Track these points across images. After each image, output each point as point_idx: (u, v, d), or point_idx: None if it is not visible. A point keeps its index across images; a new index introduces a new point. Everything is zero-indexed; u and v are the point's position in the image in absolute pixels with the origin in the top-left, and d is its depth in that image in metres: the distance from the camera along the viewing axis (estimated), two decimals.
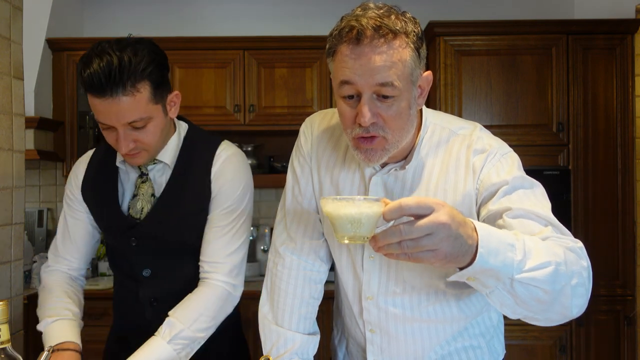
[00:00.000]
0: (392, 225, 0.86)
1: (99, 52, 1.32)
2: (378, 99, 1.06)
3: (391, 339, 1.26)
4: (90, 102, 1.35)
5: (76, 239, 1.56)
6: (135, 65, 1.31)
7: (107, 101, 1.31)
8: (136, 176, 1.49)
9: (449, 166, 1.17)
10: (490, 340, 1.30)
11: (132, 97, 1.32)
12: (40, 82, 3.16)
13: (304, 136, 1.34)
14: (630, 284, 2.97)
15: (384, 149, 1.11)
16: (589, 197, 2.96)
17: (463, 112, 2.96)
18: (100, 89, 1.30)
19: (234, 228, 1.47)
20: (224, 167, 1.47)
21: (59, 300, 1.49)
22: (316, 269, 1.34)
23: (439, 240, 0.85)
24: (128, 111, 1.32)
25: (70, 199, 1.56)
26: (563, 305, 0.95)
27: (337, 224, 0.90)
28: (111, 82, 1.30)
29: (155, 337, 1.36)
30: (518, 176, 1.11)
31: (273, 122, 3.22)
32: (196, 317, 1.39)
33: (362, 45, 1.03)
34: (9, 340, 0.94)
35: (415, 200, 0.85)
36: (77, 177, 1.55)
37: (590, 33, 2.97)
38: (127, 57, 1.31)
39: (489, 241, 0.89)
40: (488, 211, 1.09)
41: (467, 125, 1.22)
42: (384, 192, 1.20)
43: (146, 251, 1.48)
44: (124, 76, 1.30)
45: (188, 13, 3.58)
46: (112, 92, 1.30)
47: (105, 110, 1.32)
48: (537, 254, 0.92)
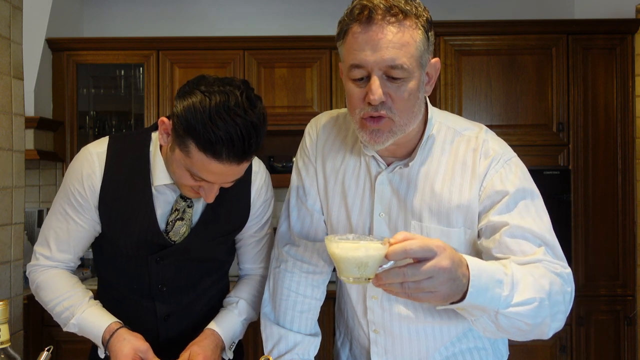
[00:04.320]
0: (395, 267, 0.89)
1: (224, 107, 1.14)
2: (388, 79, 1.06)
3: (395, 340, 1.26)
4: (198, 159, 1.17)
5: (75, 243, 1.42)
6: (264, 132, 1.20)
7: (229, 167, 1.18)
8: (173, 197, 1.37)
9: (455, 168, 1.17)
10: (495, 342, 1.30)
11: (247, 162, 1.21)
12: (40, 82, 3.15)
13: (308, 137, 1.34)
14: (630, 284, 2.97)
15: (390, 131, 1.10)
16: (589, 197, 2.96)
17: (463, 112, 2.96)
18: (228, 156, 1.15)
19: (267, 235, 1.54)
20: (261, 189, 1.45)
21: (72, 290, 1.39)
22: (319, 270, 1.34)
23: (439, 283, 0.89)
24: (237, 174, 1.23)
25: (77, 201, 1.37)
26: (541, 330, 1.02)
27: (342, 266, 0.91)
28: (248, 151, 1.17)
29: (229, 313, 1.45)
30: (520, 187, 1.12)
31: (273, 122, 3.21)
32: (257, 300, 1.50)
33: (373, 24, 1.04)
34: (8, 340, 0.94)
35: (418, 243, 0.88)
36: (93, 182, 1.36)
37: (590, 33, 2.97)
38: (260, 119, 1.18)
39: (479, 280, 0.93)
40: (487, 222, 1.12)
41: (472, 127, 1.22)
42: (390, 190, 1.20)
43: (169, 268, 1.41)
44: (259, 144, 1.18)
45: (188, 13, 3.58)
46: (242, 159, 1.18)
47: (221, 172, 1.19)
48: (524, 289, 0.97)
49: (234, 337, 1.43)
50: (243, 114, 1.15)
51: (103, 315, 1.37)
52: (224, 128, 1.13)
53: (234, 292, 1.52)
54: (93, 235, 1.43)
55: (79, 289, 1.41)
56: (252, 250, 1.52)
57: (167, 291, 1.42)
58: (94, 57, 3.26)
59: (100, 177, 1.36)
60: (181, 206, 1.37)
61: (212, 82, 1.20)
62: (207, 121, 1.13)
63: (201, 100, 1.16)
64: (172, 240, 1.38)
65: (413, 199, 1.18)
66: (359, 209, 1.23)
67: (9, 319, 0.94)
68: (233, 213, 1.42)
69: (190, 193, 1.30)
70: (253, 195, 1.44)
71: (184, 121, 1.17)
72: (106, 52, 3.25)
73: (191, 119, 1.15)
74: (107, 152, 1.38)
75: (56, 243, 1.41)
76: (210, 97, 1.15)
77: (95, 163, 1.37)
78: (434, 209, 1.16)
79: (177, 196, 1.37)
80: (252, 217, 1.46)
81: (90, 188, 1.36)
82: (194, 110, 1.15)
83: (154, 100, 3.21)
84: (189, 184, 1.26)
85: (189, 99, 1.18)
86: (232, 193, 1.38)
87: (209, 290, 1.49)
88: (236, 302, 1.48)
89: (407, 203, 1.18)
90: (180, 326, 1.45)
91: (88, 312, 1.36)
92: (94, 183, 1.36)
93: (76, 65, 3.26)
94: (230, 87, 1.18)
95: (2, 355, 0.93)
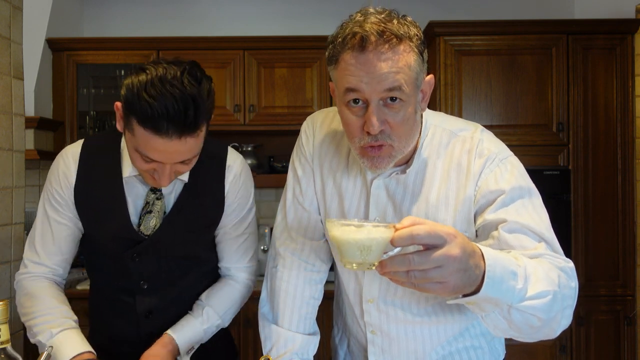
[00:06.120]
0: (401, 254, 0.84)
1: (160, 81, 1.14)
2: (385, 105, 1.04)
3: (392, 340, 1.26)
4: (140, 136, 1.17)
5: (60, 244, 1.41)
6: (209, 104, 1.19)
7: (170, 142, 1.16)
8: (144, 190, 1.38)
9: (450, 171, 1.16)
10: (492, 341, 1.30)
11: (196, 137, 1.19)
12: (40, 82, 3.16)
13: (305, 136, 1.33)
14: (630, 284, 2.97)
15: (390, 156, 1.10)
16: (589, 197, 2.96)
17: (463, 112, 2.96)
18: (167, 129, 1.14)
19: (248, 234, 1.52)
20: (236, 182, 1.45)
21: (55, 308, 1.37)
22: (316, 269, 1.34)
23: (449, 273, 0.83)
24: (188, 151, 1.21)
25: (56, 200, 1.39)
26: (551, 328, 0.99)
27: (344, 249, 0.86)
28: (186, 123, 1.15)
29: (193, 319, 1.43)
30: (516, 186, 1.10)
31: (273, 122, 3.22)
32: (228, 308, 1.49)
33: (367, 52, 1.01)
34: (9, 340, 0.94)
35: (426, 229, 0.82)
36: (68, 178, 1.38)
37: (590, 33, 2.97)
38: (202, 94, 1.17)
39: (494, 271, 0.88)
40: (484, 220, 1.10)
41: (467, 127, 1.21)
42: (385, 196, 1.20)
43: (148, 264, 1.41)
44: (199, 118, 1.16)
45: (188, 13, 3.58)
46: (182, 133, 1.15)
47: (164, 149, 1.17)
48: (536, 282, 0.93)
49: (192, 343, 1.42)
50: (180, 86, 1.14)
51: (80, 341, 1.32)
52: (160, 99, 1.12)
53: (206, 295, 1.49)
54: (77, 236, 1.44)
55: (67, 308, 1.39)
56: (230, 247, 1.50)
57: (149, 288, 1.42)
58: (94, 57, 3.27)
59: (75, 173, 1.38)
60: (151, 199, 1.38)
61: (157, 62, 1.20)
62: (143, 94, 1.13)
63: (139, 76, 1.16)
64: (145, 235, 1.38)
65: (409, 205, 1.17)
66: (355, 213, 1.23)
67: (9, 319, 0.94)
68: (206, 206, 1.42)
69: (150, 180, 1.29)
70: (227, 188, 1.43)
71: (125, 100, 1.18)
72: (106, 52, 3.25)
73: (129, 96, 1.16)
74: (82, 150, 1.40)
75: (42, 246, 1.41)
76: (147, 72, 1.16)
77: (70, 160, 1.39)
78: (430, 216, 1.15)
79: (148, 190, 1.38)
80: (228, 211, 1.45)
81: (66, 185, 1.38)
82: (132, 86, 1.16)
83: None
84: (142, 168, 1.25)
85: (129, 78, 1.18)
86: (204, 187, 1.41)
87: (194, 287, 1.49)
88: (202, 308, 1.45)
89: (403, 209, 1.18)
90: (166, 322, 1.43)
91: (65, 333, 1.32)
92: (70, 180, 1.38)
93: (76, 65, 3.26)
94: (173, 65, 1.18)
95: (2, 355, 0.93)
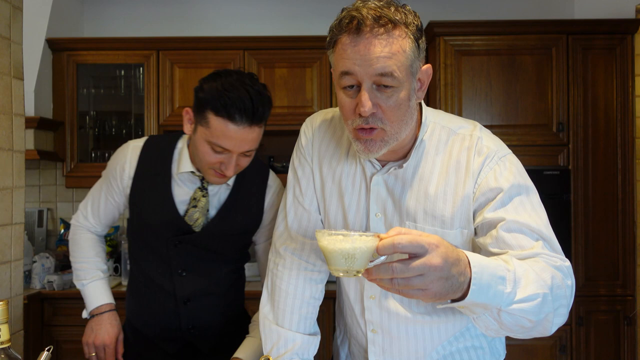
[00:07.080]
0: (385, 263, 0.89)
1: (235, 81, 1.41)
2: (378, 89, 1.06)
3: (393, 339, 1.26)
4: (216, 126, 1.41)
5: (104, 214, 1.75)
6: (269, 101, 1.45)
7: (242, 130, 1.41)
8: (191, 187, 1.60)
9: (449, 168, 1.17)
10: (492, 341, 1.30)
11: (261, 128, 1.45)
12: (40, 82, 3.16)
13: (304, 136, 1.34)
14: (630, 284, 2.97)
15: (382, 140, 1.11)
16: (589, 197, 2.96)
17: (463, 112, 2.96)
18: (245, 116, 1.39)
19: None
20: (274, 201, 1.65)
21: (90, 260, 1.74)
22: (317, 269, 1.34)
23: (430, 281, 0.87)
24: (253, 141, 1.45)
25: (112, 186, 1.68)
26: (544, 327, 1.01)
27: (330, 257, 0.91)
28: (255, 114, 1.40)
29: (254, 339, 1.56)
30: (515, 184, 1.11)
31: (273, 122, 3.21)
32: None
33: (362, 35, 1.04)
34: (9, 340, 0.95)
35: (409, 239, 0.87)
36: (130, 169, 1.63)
37: (590, 33, 2.97)
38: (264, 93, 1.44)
39: (481, 278, 0.92)
40: (483, 219, 1.11)
41: (466, 125, 1.22)
42: (385, 191, 1.20)
43: (185, 254, 1.61)
44: (265, 111, 1.43)
45: (188, 13, 3.58)
46: (252, 122, 1.41)
47: (236, 136, 1.41)
48: (526, 285, 0.96)
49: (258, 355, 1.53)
50: (251, 84, 1.41)
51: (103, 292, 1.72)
52: (235, 93, 1.39)
53: None
54: (119, 212, 1.76)
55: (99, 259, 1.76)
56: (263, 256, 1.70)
57: (187, 276, 1.62)
58: (94, 57, 3.27)
59: (134, 169, 1.63)
60: (198, 195, 1.59)
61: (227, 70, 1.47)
62: (222, 90, 1.40)
63: (216, 80, 1.43)
64: (189, 225, 1.59)
65: (408, 200, 1.18)
66: (356, 209, 1.24)
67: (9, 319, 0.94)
68: (246, 215, 1.63)
69: (212, 176, 1.51)
70: (266, 203, 1.65)
71: (202, 99, 1.43)
72: (106, 52, 3.26)
73: (208, 95, 1.42)
74: (143, 147, 1.66)
75: (91, 208, 1.76)
76: (222, 77, 1.43)
77: (132, 156, 1.65)
78: (428, 211, 1.16)
79: (196, 187, 1.60)
80: (264, 224, 1.67)
81: (122, 178, 1.65)
82: (210, 88, 1.43)
83: (154, 100, 3.21)
84: (211, 160, 1.47)
85: (205, 85, 1.45)
86: (247, 197, 1.62)
87: (225, 279, 1.68)
88: None
89: (402, 204, 1.18)
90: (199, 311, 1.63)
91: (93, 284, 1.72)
92: (129, 173, 1.64)
93: (76, 65, 3.26)
94: (240, 72, 1.47)
95: (2, 355, 0.93)
